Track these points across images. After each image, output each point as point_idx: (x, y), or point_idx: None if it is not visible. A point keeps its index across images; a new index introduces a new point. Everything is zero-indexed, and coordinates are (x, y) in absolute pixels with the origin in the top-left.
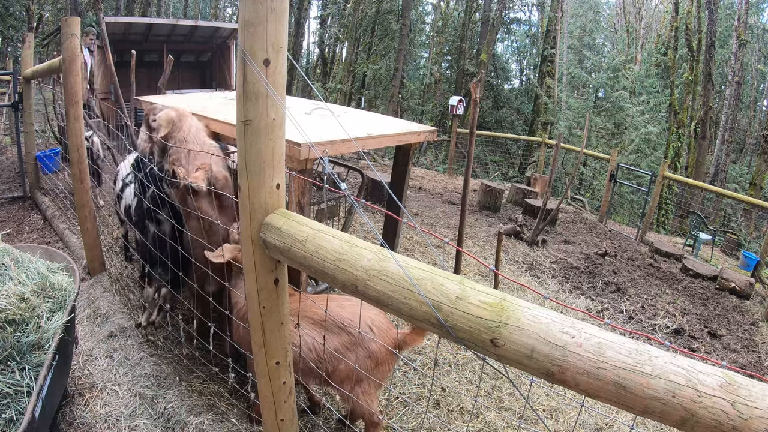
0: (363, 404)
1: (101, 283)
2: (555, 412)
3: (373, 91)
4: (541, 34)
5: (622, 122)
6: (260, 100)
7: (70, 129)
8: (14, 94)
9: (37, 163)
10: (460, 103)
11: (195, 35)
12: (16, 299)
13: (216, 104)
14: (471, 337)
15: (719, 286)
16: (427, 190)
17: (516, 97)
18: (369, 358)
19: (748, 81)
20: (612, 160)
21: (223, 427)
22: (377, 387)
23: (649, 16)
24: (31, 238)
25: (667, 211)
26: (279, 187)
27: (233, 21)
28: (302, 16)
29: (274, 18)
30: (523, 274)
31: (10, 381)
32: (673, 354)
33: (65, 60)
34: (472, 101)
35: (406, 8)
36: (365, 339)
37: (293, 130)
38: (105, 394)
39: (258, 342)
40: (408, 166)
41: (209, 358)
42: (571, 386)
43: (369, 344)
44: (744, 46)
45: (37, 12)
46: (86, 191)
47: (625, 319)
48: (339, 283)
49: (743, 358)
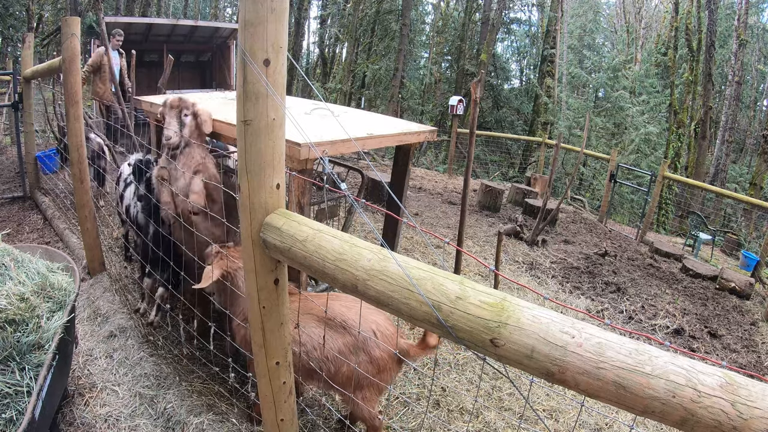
0: (364, 408)
1: (101, 283)
2: (555, 412)
3: (373, 91)
4: (541, 34)
5: (622, 122)
6: (260, 100)
7: (70, 129)
8: (14, 94)
9: (37, 163)
10: (460, 103)
11: (195, 35)
12: (16, 299)
13: (216, 104)
14: (471, 337)
15: (719, 286)
16: (427, 190)
17: (516, 97)
18: (371, 363)
19: (748, 81)
20: (612, 160)
21: (223, 427)
22: (378, 392)
23: (649, 16)
24: (31, 238)
25: (667, 211)
26: (279, 187)
27: (233, 21)
28: (302, 16)
29: (274, 18)
30: (523, 274)
31: (10, 381)
32: (673, 354)
33: (65, 60)
34: (472, 101)
35: (406, 8)
36: (368, 343)
37: (293, 130)
38: (105, 394)
39: (258, 342)
40: (408, 166)
41: (209, 357)
42: (571, 386)
43: (371, 349)
44: (744, 46)
45: (37, 12)
46: (86, 191)
47: (625, 319)
48: (339, 283)
49: (743, 358)
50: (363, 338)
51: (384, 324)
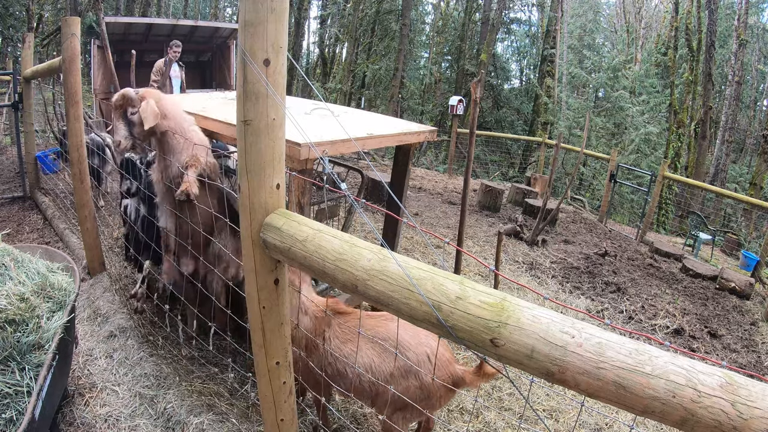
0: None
1: (101, 283)
2: (555, 412)
3: (373, 91)
4: (541, 34)
5: (622, 122)
6: (260, 100)
7: (70, 129)
8: (14, 94)
9: (37, 163)
10: (460, 103)
11: (195, 35)
12: (16, 299)
13: (216, 104)
14: (471, 337)
15: (719, 286)
16: (427, 190)
17: (516, 97)
18: (420, 389)
19: (748, 81)
20: (612, 160)
21: (223, 427)
22: (420, 416)
23: (649, 16)
24: (31, 238)
25: (667, 211)
26: (279, 187)
27: (233, 21)
28: (302, 16)
29: (274, 18)
30: (523, 274)
31: (10, 381)
32: (673, 354)
33: (65, 60)
34: (472, 101)
35: (406, 8)
36: (420, 368)
37: (293, 130)
38: (105, 394)
39: (258, 342)
40: (408, 166)
41: (209, 357)
42: (571, 386)
43: (423, 375)
44: (744, 46)
45: (37, 12)
46: (86, 191)
47: (625, 319)
48: (339, 283)
49: (743, 358)
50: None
51: (439, 349)
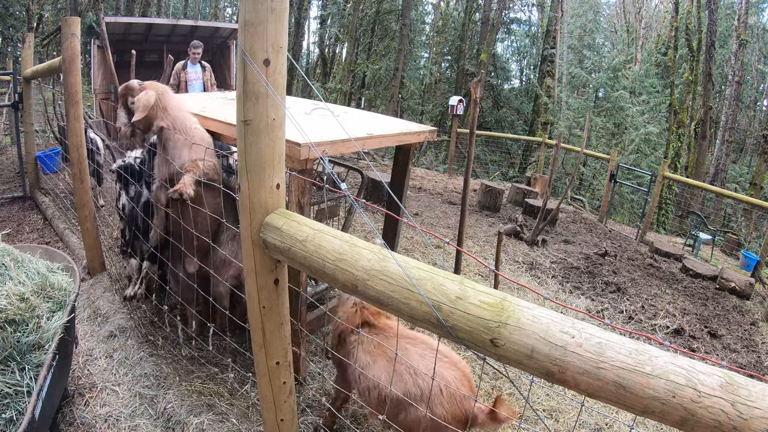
0: None
1: (101, 283)
2: (555, 412)
3: (373, 91)
4: (541, 34)
5: (622, 122)
6: (260, 100)
7: (70, 129)
8: (14, 94)
9: (37, 163)
10: (460, 103)
11: (195, 35)
12: (16, 299)
13: (216, 104)
14: (471, 337)
15: (719, 286)
16: (427, 190)
17: (516, 97)
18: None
19: (748, 81)
20: (612, 160)
21: (223, 427)
22: None
23: (649, 16)
24: (31, 238)
25: (667, 211)
26: (279, 187)
27: (233, 21)
28: (302, 16)
29: (274, 18)
30: (523, 274)
31: (10, 381)
32: (673, 354)
33: (65, 60)
34: (472, 101)
35: (406, 8)
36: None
37: (293, 130)
38: (105, 394)
39: (258, 342)
40: (408, 166)
41: (209, 357)
42: (571, 386)
43: (435, 406)
44: (744, 46)
45: (37, 12)
46: (86, 191)
47: (625, 319)
48: (339, 283)
49: (743, 358)
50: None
51: (455, 383)
